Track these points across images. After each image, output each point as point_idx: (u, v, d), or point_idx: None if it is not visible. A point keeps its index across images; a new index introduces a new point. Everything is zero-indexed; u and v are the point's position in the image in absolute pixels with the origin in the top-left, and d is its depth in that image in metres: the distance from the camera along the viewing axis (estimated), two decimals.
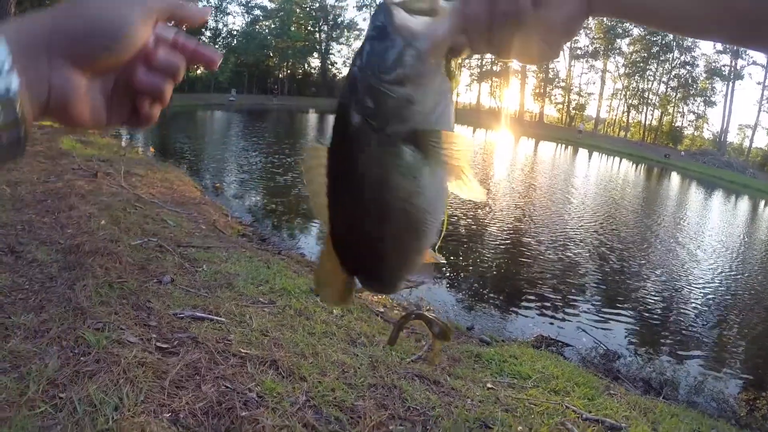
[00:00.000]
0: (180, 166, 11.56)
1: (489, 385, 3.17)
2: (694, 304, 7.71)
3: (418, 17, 0.43)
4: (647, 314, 6.98)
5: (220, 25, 53.84)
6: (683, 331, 6.63)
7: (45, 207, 4.76)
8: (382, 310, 4.44)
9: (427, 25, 0.43)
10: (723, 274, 9.86)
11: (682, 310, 7.38)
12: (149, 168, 8.51)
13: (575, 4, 0.44)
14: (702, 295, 8.26)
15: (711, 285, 8.93)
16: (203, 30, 51.99)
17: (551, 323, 6.09)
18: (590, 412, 3.04)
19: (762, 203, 27.74)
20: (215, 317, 3.03)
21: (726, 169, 40.02)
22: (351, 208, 0.47)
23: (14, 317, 2.54)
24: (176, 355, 2.44)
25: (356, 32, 58.61)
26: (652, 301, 7.52)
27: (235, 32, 54.92)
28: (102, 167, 7.19)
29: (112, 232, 4.28)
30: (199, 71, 54.12)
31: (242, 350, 2.62)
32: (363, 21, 59.31)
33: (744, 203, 26.22)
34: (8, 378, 2.01)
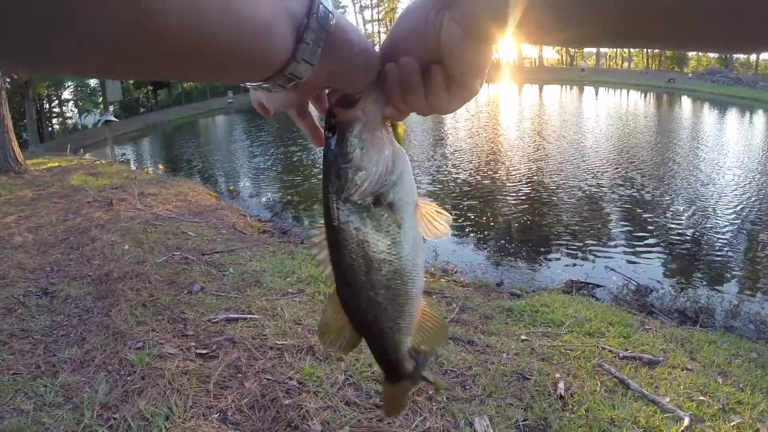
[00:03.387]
0: (192, 177, 11.74)
1: (523, 337, 3.22)
2: (722, 228, 7.59)
3: (350, 108, 0.52)
4: (675, 244, 6.92)
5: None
6: (714, 257, 6.55)
7: (69, 244, 4.90)
8: None
9: (357, 111, 0.52)
10: (748, 193, 9.65)
11: (710, 236, 7.28)
12: (162, 185, 8.64)
13: (467, 45, 0.48)
14: (729, 217, 8.12)
15: (737, 206, 8.76)
16: None
17: (580, 266, 6.10)
18: (626, 350, 3.07)
19: None
20: (248, 316, 3.12)
21: (736, 85, 38.61)
22: (345, 267, 0.56)
23: (59, 354, 2.67)
24: (216, 358, 2.54)
25: (341, 10, 58.14)
26: (679, 229, 7.44)
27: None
28: (116, 195, 7.33)
29: (136, 255, 4.40)
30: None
31: (278, 342, 2.71)
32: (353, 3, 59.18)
33: (759, 118, 25.39)
34: (63, 410, 2.13)
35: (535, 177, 10.45)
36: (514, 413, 2.22)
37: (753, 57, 51.08)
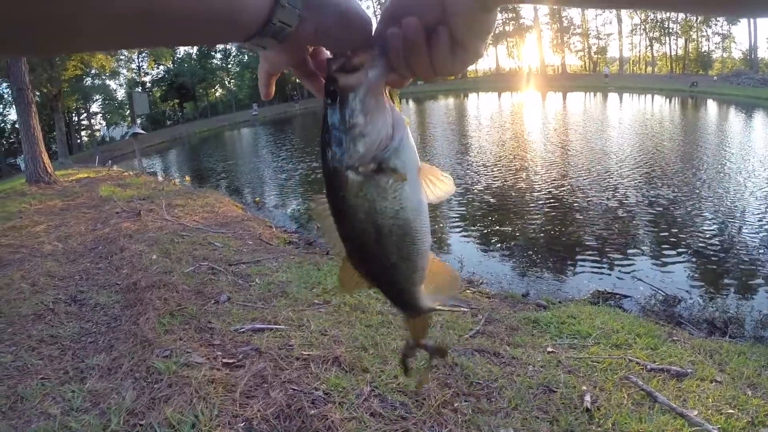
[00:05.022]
0: (218, 189, 11.94)
1: (549, 349, 3.18)
2: (751, 235, 7.40)
3: (353, 73, 0.51)
4: (704, 252, 6.76)
5: (229, 45, 54.48)
6: (743, 265, 6.38)
7: (97, 254, 5.02)
8: None
9: (360, 76, 0.52)
10: None
11: (739, 244, 7.10)
12: (188, 197, 8.79)
13: (474, 7, 0.48)
14: (758, 225, 7.92)
15: (766, 213, 8.54)
16: (213, 53, 52.73)
17: (607, 277, 6.01)
18: (654, 362, 3.01)
19: None
20: (275, 326, 3.15)
21: (763, 87, 37.54)
22: (354, 235, 0.57)
23: (87, 360, 2.73)
24: (242, 367, 2.57)
25: None
26: (708, 237, 7.28)
27: (245, 48, 55.52)
28: (143, 205, 7.49)
29: (164, 265, 4.48)
30: (217, 94, 55.13)
31: (304, 353, 2.73)
32: (371, 11, 58.92)
33: None
34: (90, 416, 2.18)
35: (561, 187, 10.35)
36: (539, 426, 2.19)
37: None
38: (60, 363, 2.76)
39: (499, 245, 7.36)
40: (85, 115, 42.36)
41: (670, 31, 56.24)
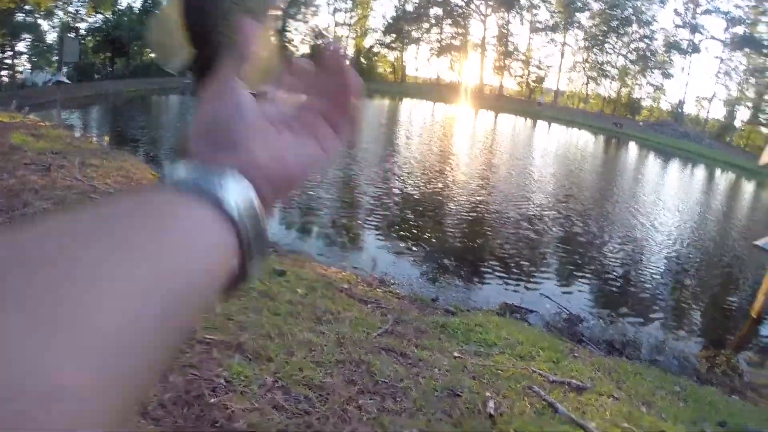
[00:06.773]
0: (136, 154, 11.29)
1: (456, 354, 3.24)
2: (653, 268, 8.00)
3: None
4: (608, 279, 7.22)
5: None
6: (643, 294, 6.89)
7: None
8: (346, 286, 4.47)
9: None
10: (680, 238, 10.25)
11: (641, 274, 7.65)
12: (104, 158, 8.23)
13: None
14: (660, 258, 8.58)
15: (669, 249, 9.28)
16: (156, 11, 49.77)
17: (515, 291, 6.25)
18: (556, 374, 3.15)
19: (717, 171, 28.76)
20: None
21: (683, 139, 40.99)
22: None
23: None
24: None
25: (313, 8, 57.01)
26: (613, 266, 7.77)
27: None
28: (55, 160, 6.92)
29: None
30: (152, 55, 52.25)
31: (207, 336, 2.60)
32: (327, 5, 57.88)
33: (700, 172, 27.13)
34: None
35: (481, 202, 10.66)
36: (443, 429, 2.22)
37: (703, 114, 54.36)
38: None
39: (413, 249, 7.43)
40: (10, 53, 38.62)
41: (608, 74, 59.56)
